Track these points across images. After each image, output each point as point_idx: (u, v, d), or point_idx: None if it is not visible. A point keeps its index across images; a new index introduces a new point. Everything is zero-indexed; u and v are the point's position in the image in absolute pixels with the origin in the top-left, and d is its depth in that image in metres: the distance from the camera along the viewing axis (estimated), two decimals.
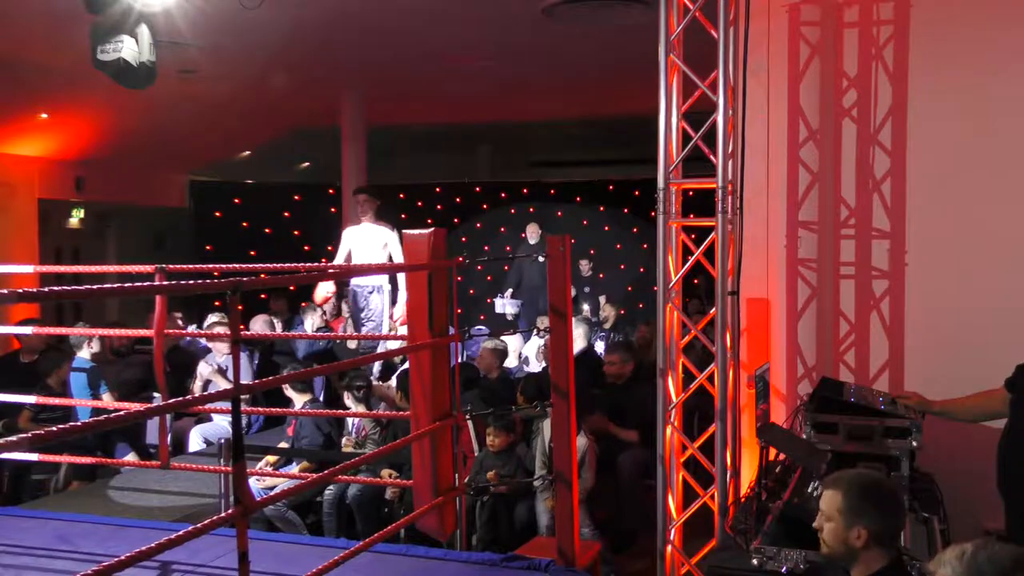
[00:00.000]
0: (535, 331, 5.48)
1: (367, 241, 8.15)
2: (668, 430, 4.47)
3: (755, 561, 3.37)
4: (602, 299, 11.49)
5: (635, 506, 5.92)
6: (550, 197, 14.72)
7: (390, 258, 7.99)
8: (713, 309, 4.34)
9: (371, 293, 8.16)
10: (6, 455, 4.42)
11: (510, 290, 11.94)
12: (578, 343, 7.28)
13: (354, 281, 8.29)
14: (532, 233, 11.75)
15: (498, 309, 11.92)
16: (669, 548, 4.49)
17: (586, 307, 11.63)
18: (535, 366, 8.43)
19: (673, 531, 4.50)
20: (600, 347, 8.94)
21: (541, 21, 8.26)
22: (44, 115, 11.27)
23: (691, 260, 4.51)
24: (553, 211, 13.94)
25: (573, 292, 11.37)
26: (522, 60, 10.22)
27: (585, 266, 12.59)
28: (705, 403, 4.59)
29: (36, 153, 12.07)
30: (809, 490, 3.53)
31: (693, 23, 4.34)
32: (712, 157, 4.31)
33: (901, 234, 4.90)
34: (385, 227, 8.15)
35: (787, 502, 3.53)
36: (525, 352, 9.01)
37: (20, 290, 2.33)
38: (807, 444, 3.83)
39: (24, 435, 2.16)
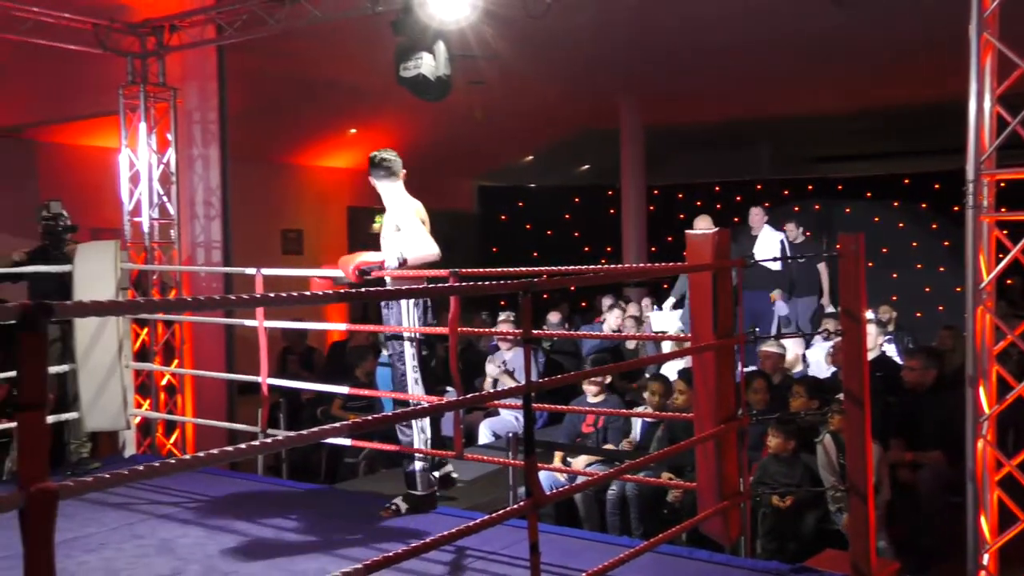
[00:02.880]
0: (824, 333, 5.19)
1: (384, 228, 5.09)
2: (980, 444, 4.09)
3: None
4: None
5: (938, 525, 5.47)
6: (837, 193, 13.99)
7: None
8: None
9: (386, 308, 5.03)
10: (328, 440, 4.90)
11: (671, 300, 9.40)
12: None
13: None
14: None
15: (656, 325, 9.03)
16: (982, 574, 4.10)
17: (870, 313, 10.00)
18: (822, 372, 8.03)
19: (987, 556, 4.10)
20: (890, 351, 8.33)
21: (825, 9, 7.86)
22: (353, 130, 12.43)
23: (1007, 258, 4.08)
24: (841, 208, 13.23)
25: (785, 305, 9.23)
26: (804, 51, 9.79)
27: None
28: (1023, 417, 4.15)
29: (346, 165, 13.33)
30: None
31: None
32: None
33: None
34: (407, 204, 4.96)
35: None
36: (809, 357, 8.61)
37: (341, 291, 2.58)
38: None
39: (345, 422, 2.40)
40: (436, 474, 4.80)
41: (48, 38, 6.64)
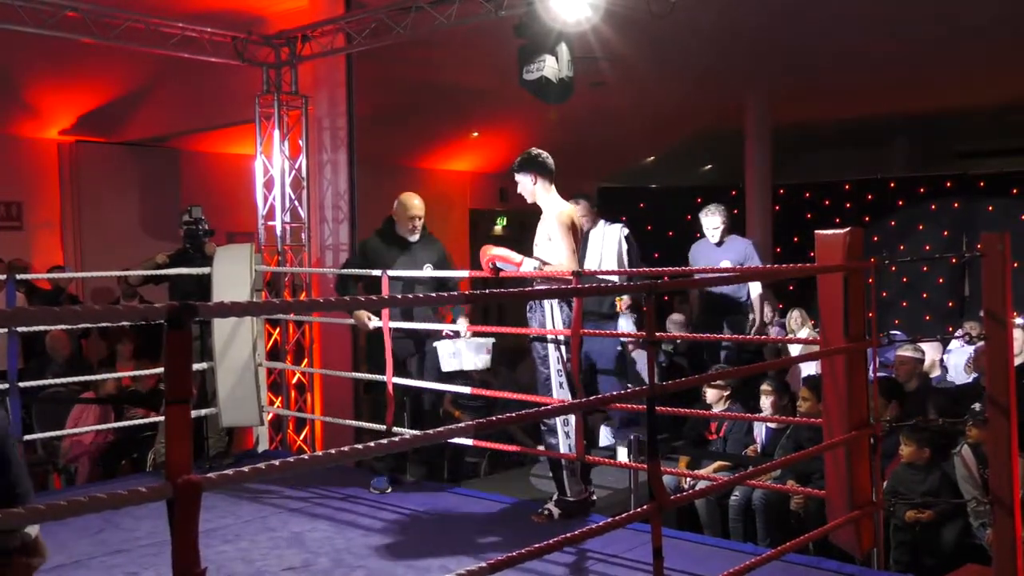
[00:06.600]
0: (966, 337, 4.93)
1: (537, 235, 4.88)
2: None
3: None
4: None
5: None
6: (979, 190, 13.27)
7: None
8: None
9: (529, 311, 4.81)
10: (453, 440, 4.97)
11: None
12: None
13: None
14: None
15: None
16: None
17: None
18: (961, 378, 7.64)
19: None
20: None
21: None
22: (475, 134, 12.58)
23: None
24: (983, 206, 12.54)
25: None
26: (943, 41, 9.32)
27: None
28: None
29: (468, 168, 13.52)
30: None
31: None
32: None
33: None
34: (559, 211, 4.77)
35: None
36: (948, 362, 8.20)
37: (467, 292, 2.62)
38: None
39: (470, 423, 2.43)
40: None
41: (192, 52, 7.00)
